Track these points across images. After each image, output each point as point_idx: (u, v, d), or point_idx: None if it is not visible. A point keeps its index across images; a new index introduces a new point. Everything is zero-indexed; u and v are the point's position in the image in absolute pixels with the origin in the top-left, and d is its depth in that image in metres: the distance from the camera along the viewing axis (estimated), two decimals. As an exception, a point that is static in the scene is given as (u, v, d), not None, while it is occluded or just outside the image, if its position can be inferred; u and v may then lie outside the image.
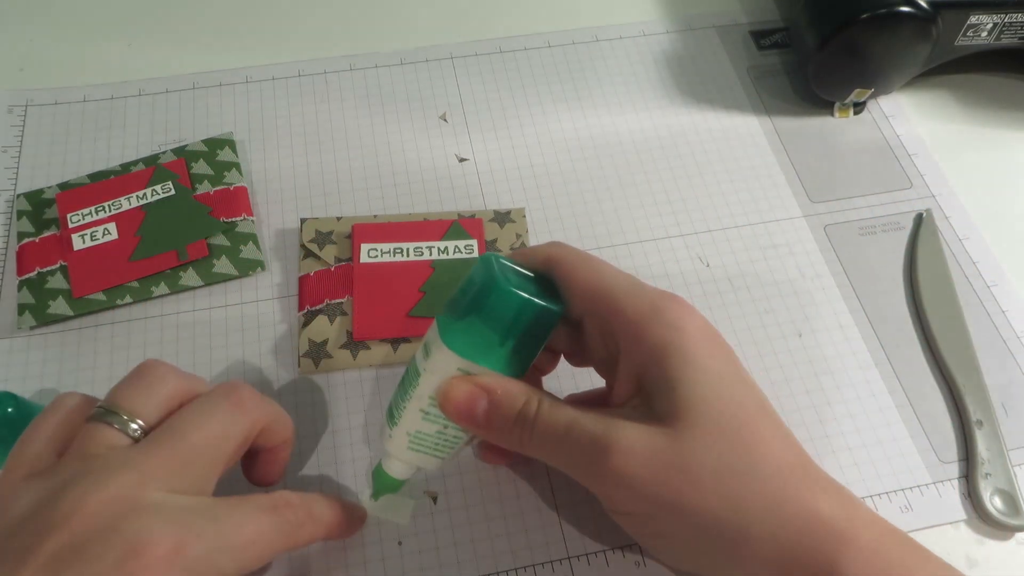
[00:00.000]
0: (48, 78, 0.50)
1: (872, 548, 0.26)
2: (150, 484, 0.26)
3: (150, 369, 0.30)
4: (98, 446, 0.27)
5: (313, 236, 0.43)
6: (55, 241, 0.42)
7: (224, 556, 0.26)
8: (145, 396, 0.28)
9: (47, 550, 0.24)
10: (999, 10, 0.46)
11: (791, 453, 0.28)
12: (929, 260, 0.44)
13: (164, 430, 0.28)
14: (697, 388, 0.28)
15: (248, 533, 0.27)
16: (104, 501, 0.25)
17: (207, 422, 0.28)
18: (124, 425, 0.27)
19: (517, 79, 0.51)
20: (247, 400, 0.29)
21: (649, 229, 0.45)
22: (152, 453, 0.27)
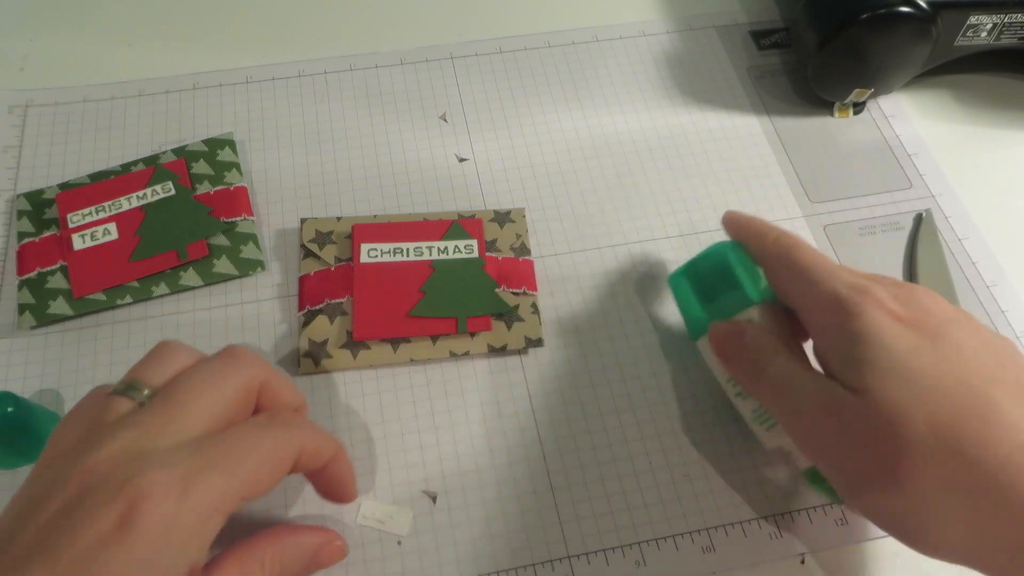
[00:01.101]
0: (48, 78, 0.50)
1: None
2: (149, 436, 0.27)
3: (164, 345, 0.31)
4: (110, 415, 0.28)
5: (313, 236, 0.43)
6: (55, 241, 0.42)
7: (230, 482, 0.27)
8: (157, 368, 0.30)
9: (49, 510, 0.25)
10: (999, 10, 0.46)
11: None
12: (929, 260, 0.44)
13: (164, 390, 0.29)
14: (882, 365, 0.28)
15: (251, 455, 0.28)
16: (104, 457, 0.26)
17: (201, 373, 0.29)
18: (136, 394, 0.29)
19: (517, 79, 0.51)
20: (241, 356, 0.31)
21: (649, 229, 0.45)
22: (152, 410, 0.28)
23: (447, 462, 0.37)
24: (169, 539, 0.25)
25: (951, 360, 0.28)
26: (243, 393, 0.30)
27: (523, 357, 0.40)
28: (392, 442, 0.38)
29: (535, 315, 0.41)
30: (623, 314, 0.42)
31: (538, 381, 0.40)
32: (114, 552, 0.24)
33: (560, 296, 0.42)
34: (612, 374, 0.40)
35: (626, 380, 0.40)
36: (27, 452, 0.36)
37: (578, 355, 0.40)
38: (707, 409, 0.39)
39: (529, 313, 0.41)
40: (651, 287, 0.43)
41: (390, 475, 0.37)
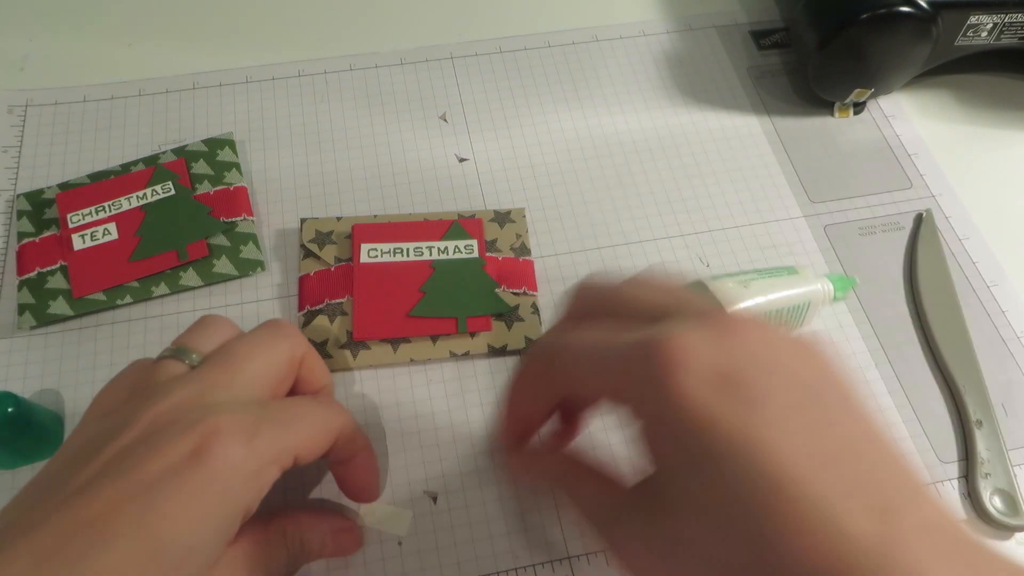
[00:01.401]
0: (48, 78, 0.50)
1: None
2: (211, 391, 0.28)
3: (207, 318, 0.32)
4: (160, 377, 0.29)
5: (313, 236, 0.43)
6: (55, 241, 0.42)
7: (289, 437, 0.28)
8: (204, 336, 0.31)
9: (117, 445, 0.26)
10: (999, 10, 0.46)
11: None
12: (929, 260, 0.44)
13: (217, 352, 0.30)
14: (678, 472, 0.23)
15: (307, 419, 0.29)
16: (168, 406, 0.27)
17: (253, 340, 0.31)
18: (185, 357, 0.30)
19: (517, 79, 0.51)
20: (286, 327, 0.32)
21: (649, 229, 0.45)
22: (208, 369, 0.29)
23: (447, 462, 0.37)
24: (234, 479, 0.26)
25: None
26: (290, 361, 0.31)
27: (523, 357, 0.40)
28: (392, 442, 0.37)
29: (535, 315, 0.41)
30: (623, 314, 0.42)
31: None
32: (185, 479, 0.25)
33: (560, 296, 0.42)
34: (612, 374, 0.40)
35: (626, 380, 0.40)
36: (27, 452, 0.36)
37: (578, 355, 0.40)
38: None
39: (529, 313, 0.41)
40: (651, 287, 0.43)
41: (390, 475, 0.37)
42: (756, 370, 0.23)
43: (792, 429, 0.22)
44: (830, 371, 0.25)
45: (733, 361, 0.23)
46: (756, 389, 0.23)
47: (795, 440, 0.22)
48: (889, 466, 0.23)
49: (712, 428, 0.22)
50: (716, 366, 0.23)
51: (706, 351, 0.23)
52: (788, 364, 0.24)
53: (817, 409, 0.23)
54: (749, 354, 0.24)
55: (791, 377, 0.24)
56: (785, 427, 0.22)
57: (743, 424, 0.22)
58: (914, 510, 0.22)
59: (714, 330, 0.24)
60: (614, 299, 0.28)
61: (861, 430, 0.24)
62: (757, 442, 0.22)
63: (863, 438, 0.23)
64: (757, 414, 0.23)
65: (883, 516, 0.21)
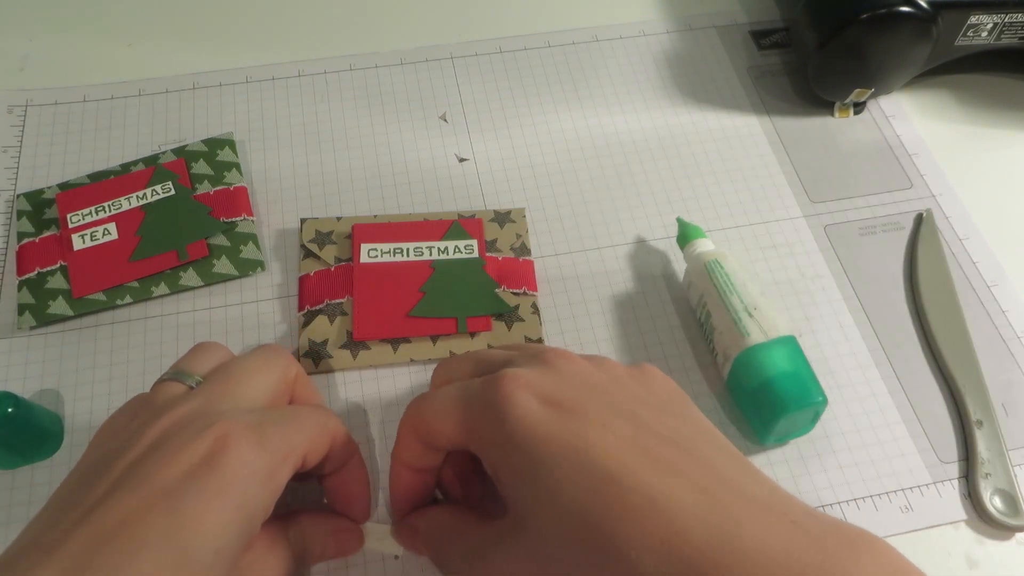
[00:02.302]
0: (48, 78, 0.50)
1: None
2: (213, 403, 0.29)
3: (202, 344, 0.33)
4: (161, 398, 0.30)
5: (313, 236, 0.43)
6: (55, 241, 0.42)
7: (296, 433, 0.29)
8: (201, 360, 0.32)
9: (129, 457, 0.26)
10: (999, 10, 0.46)
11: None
12: (929, 260, 0.44)
13: (214, 372, 0.31)
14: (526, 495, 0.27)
15: (308, 420, 0.30)
16: (176, 418, 0.28)
17: (248, 361, 0.32)
18: (185, 378, 0.31)
19: (517, 79, 0.51)
20: (279, 350, 0.33)
21: (649, 229, 0.45)
22: (210, 386, 0.30)
23: (447, 462, 0.37)
24: (251, 480, 0.26)
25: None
26: (283, 381, 0.32)
27: (523, 357, 0.40)
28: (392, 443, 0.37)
29: (535, 315, 0.41)
30: (623, 314, 0.42)
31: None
32: (204, 483, 0.25)
33: (560, 296, 0.42)
34: (612, 374, 0.40)
35: (626, 380, 0.40)
36: (27, 452, 0.36)
37: (578, 355, 0.40)
38: (708, 409, 0.39)
39: (529, 313, 0.41)
40: (651, 287, 0.43)
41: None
42: (573, 390, 0.28)
43: (612, 428, 0.27)
44: (635, 383, 0.30)
45: (555, 387, 0.28)
46: (576, 403, 0.27)
47: (616, 436, 0.26)
48: (706, 449, 0.27)
49: (546, 440, 0.26)
50: (543, 393, 0.28)
51: (534, 381, 0.28)
52: (598, 383, 0.29)
53: (629, 418, 0.27)
54: (567, 380, 0.29)
55: (602, 392, 0.28)
56: (606, 428, 0.27)
57: (571, 432, 0.26)
58: (735, 485, 0.25)
59: (540, 367, 0.29)
60: (470, 360, 0.32)
61: (670, 430, 0.27)
62: (584, 441, 0.26)
63: (679, 430, 0.28)
64: (580, 421, 0.27)
65: (705, 492, 0.25)
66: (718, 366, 0.39)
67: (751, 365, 0.36)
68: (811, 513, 0.25)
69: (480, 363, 0.32)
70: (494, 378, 0.29)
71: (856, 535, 0.24)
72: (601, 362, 0.31)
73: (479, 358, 0.32)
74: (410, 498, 0.32)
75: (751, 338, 0.36)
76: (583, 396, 0.28)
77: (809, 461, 0.38)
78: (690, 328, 0.41)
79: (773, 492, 0.26)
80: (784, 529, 0.24)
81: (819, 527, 0.24)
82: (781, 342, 0.36)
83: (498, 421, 0.27)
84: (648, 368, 0.31)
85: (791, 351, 0.36)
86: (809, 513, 0.25)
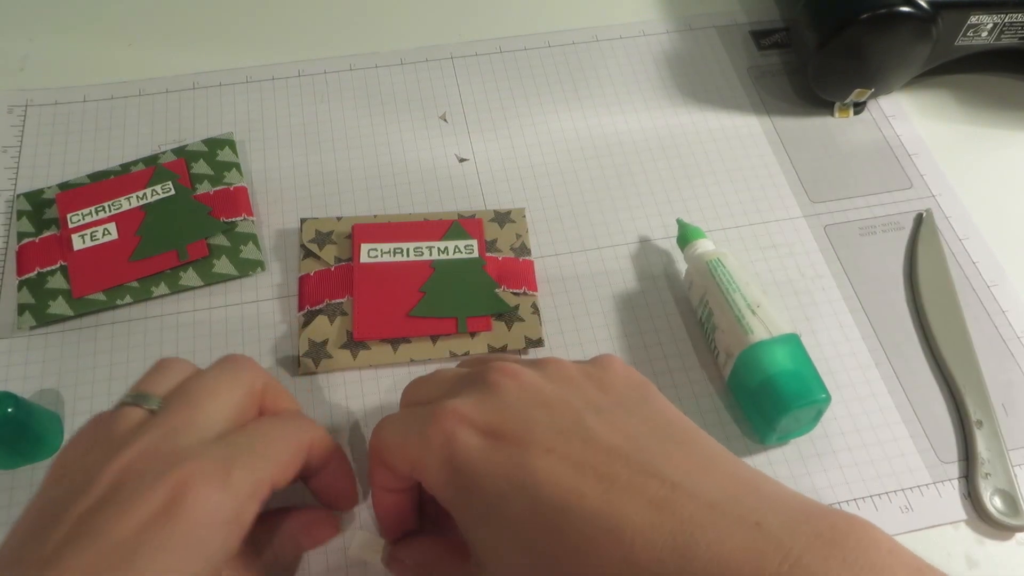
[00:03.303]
0: (48, 78, 0.50)
1: None
2: (174, 435, 0.27)
3: (163, 360, 0.31)
4: (121, 427, 0.28)
5: (313, 236, 0.43)
6: (55, 241, 0.42)
7: (264, 466, 0.27)
8: (162, 379, 0.30)
9: (84, 503, 0.24)
10: (999, 10, 0.46)
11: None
12: (929, 260, 0.44)
13: (175, 393, 0.29)
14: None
15: (277, 441, 0.29)
16: (134, 456, 0.26)
17: (210, 377, 0.30)
18: (145, 402, 0.29)
19: (517, 79, 0.51)
20: (242, 361, 0.31)
21: (649, 229, 0.45)
22: (169, 413, 0.28)
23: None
24: (214, 526, 0.25)
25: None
26: (250, 395, 0.30)
27: (523, 357, 0.40)
28: (392, 442, 0.37)
29: (535, 315, 0.41)
30: (623, 314, 0.42)
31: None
32: (160, 535, 0.24)
33: (560, 296, 0.42)
34: (612, 374, 0.40)
35: (626, 380, 0.40)
36: (27, 452, 0.36)
37: (578, 355, 0.40)
38: (708, 409, 0.39)
39: (529, 313, 0.41)
40: (651, 287, 0.43)
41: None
42: (516, 416, 0.27)
43: (557, 451, 0.25)
44: (589, 383, 0.29)
45: (496, 416, 0.27)
46: (518, 431, 0.26)
47: (561, 460, 0.25)
48: (660, 451, 0.26)
49: (491, 476, 0.26)
50: (483, 425, 0.27)
51: (472, 413, 0.27)
52: (546, 399, 0.28)
53: (577, 433, 0.26)
54: (510, 405, 0.27)
55: (549, 409, 0.27)
56: (550, 452, 0.25)
57: (514, 464, 0.25)
58: (691, 491, 0.24)
59: (480, 393, 0.28)
60: (431, 382, 0.31)
61: (622, 437, 0.26)
62: (529, 473, 0.25)
63: (632, 433, 0.26)
64: (523, 450, 0.26)
65: (659, 506, 0.23)
66: (719, 365, 0.39)
67: (754, 362, 0.36)
68: (778, 506, 0.23)
69: (441, 387, 0.31)
70: (432, 413, 0.28)
71: (828, 526, 0.22)
72: (552, 368, 0.29)
73: (440, 381, 0.31)
74: (394, 517, 0.32)
75: (754, 335, 0.36)
76: (526, 421, 0.27)
77: (809, 461, 0.38)
78: (691, 328, 0.41)
79: (737, 486, 0.24)
80: (745, 535, 0.22)
81: (784, 525, 0.22)
82: (784, 340, 0.36)
83: (441, 460, 0.27)
84: (605, 360, 0.30)
85: (794, 349, 0.36)
86: (775, 507, 0.23)
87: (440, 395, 0.30)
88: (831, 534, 0.22)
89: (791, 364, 0.36)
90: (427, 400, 0.30)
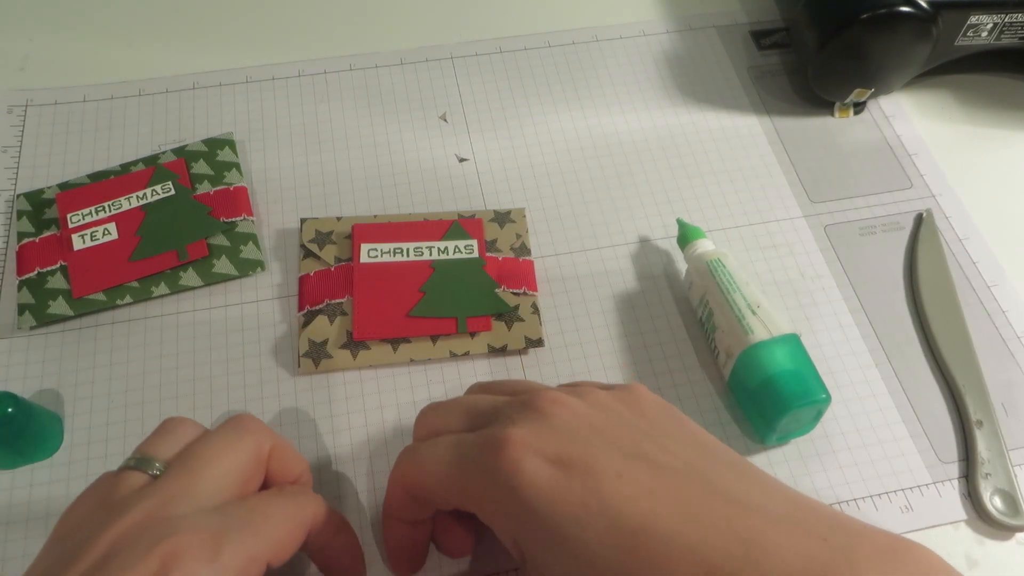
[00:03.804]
0: (48, 78, 0.50)
1: None
2: (171, 504, 0.27)
3: (169, 421, 0.31)
4: (122, 491, 0.28)
5: (313, 236, 0.43)
6: (55, 241, 0.42)
7: (258, 543, 0.27)
8: (167, 442, 0.30)
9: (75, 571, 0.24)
10: (999, 10, 0.46)
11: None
12: (929, 260, 0.44)
13: (179, 458, 0.29)
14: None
15: (273, 517, 0.28)
16: (128, 524, 0.26)
17: (215, 441, 0.29)
18: (148, 466, 0.28)
19: (517, 79, 0.51)
20: (249, 423, 0.31)
21: (649, 229, 0.45)
22: (169, 479, 0.28)
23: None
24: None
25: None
26: (255, 460, 0.30)
27: (523, 357, 0.40)
28: (392, 443, 0.37)
29: (535, 315, 0.41)
30: (623, 314, 0.42)
31: (538, 381, 0.39)
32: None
33: (560, 296, 0.42)
34: (612, 374, 0.40)
35: (626, 380, 0.40)
36: (27, 452, 0.36)
37: (578, 355, 0.40)
38: (708, 409, 0.39)
39: (529, 313, 0.41)
40: (651, 287, 0.43)
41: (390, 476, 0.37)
42: (575, 441, 0.27)
43: (626, 475, 0.26)
44: (627, 410, 0.29)
45: (557, 443, 0.27)
46: (582, 457, 0.26)
47: (632, 483, 0.26)
48: (715, 472, 0.26)
49: (564, 503, 0.26)
50: (548, 453, 0.27)
51: (535, 442, 0.27)
52: (595, 423, 0.28)
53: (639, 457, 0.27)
54: (566, 431, 0.27)
55: (602, 433, 0.27)
56: (620, 476, 0.26)
57: (587, 489, 0.26)
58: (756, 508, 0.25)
59: (534, 422, 0.28)
60: (458, 410, 0.31)
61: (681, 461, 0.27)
62: (603, 498, 0.25)
63: (685, 456, 0.27)
64: (593, 476, 0.26)
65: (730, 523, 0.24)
66: (719, 365, 0.39)
67: (754, 362, 0.36)
68: (836, 524, 0.25)
69: (469, 414, 0.30)
70: (493, 442, 0.27)
71: (887, 544, 0.24)
72: (588, 395, 0.30)
73: (468, 407, 0.31)
74: (405, 551, 0.32)
75: (754, 336, 0.36)
76: (587, 445, 0.27)
77: (809, 461, 0.38)
78: (691, 328, 0.41)
79: (794, 506, 0.26)
80: (813, 548, 0.23)
81: (848, 541, 0.24)
82: (784, 340, 0.36)
83: (508, 490, 0.26)
84: (634, 388, 0.31)
85: (794, 349, 0.36)
86: (835, 524, 0.25)
87: (480, 424, 0.29)
88: (892, 553, 0.23)
89: (791, 364, 0.36)
90: (455, 430, 0.30)
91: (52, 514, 0.35)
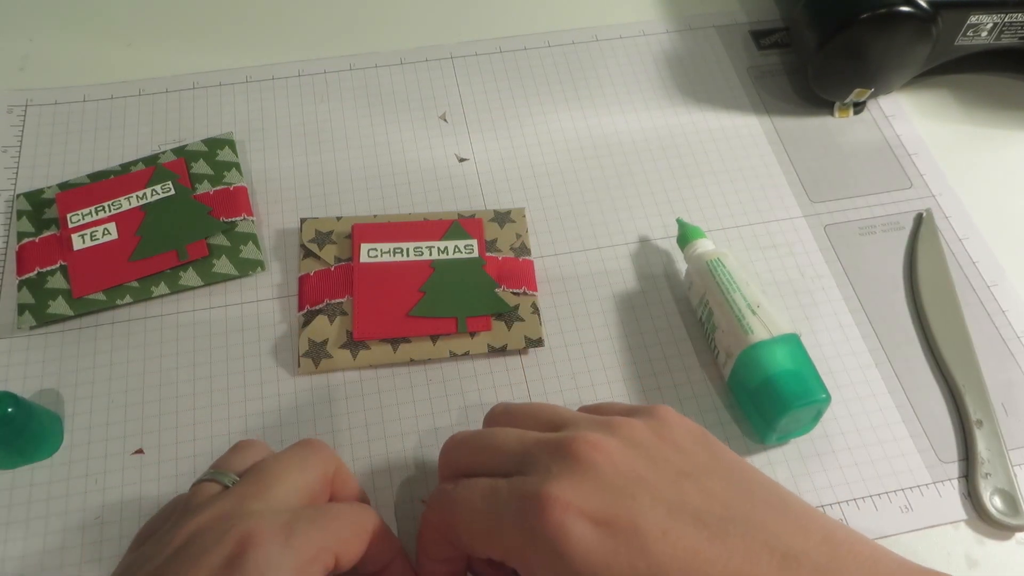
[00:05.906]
0: (48, 78, 0.50)
1: None
2: (245, 504, 0.28)
3: (244, 442, 0.32)
4: (198, 498, 0.29)
5: (313, 236, 0.43)
6: (55, 241, 0.42)
7: (326, 533, 0.28)
8: (239, 459, 0.31)
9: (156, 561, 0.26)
10: (999, 10, 0.46)
11: None
12: (929, 260, 0.44)
13: (251, 470, 0.30)
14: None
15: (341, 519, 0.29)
16: (204, 520, 0.27)
17: (285, 458, 0.31)
18: (222, 478, 0.30)
19: (517, 79, 0.51)
20: (318, 446, 0.32)
21: (649, 229, 0.45)
22: (244, 485, 0.29)
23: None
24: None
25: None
26: (322, 479, 0.31)
27: (523, 357, 0.40)
28: (392, 443, 0.37)
29: (535, 315, 0.41)
30: (623, 314, 0.42)
31: (538, 381, 0.40)
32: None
33: (560, 296, 0.42)
34: (612, 374, 0.40)
35: (626, 380, 0.40)
36: (27, 452, 0.36)
37: (578, 355, 0.40)
38: (708, 409, 0.39)
39: (529, 313, 0.41)
40: (651, 287, 0.43)
41: (390, 476, 0.37)
42: (618, 498, 0.26)
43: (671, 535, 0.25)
44: (662, 443, 0.29)
45: (600, 500, 0.26)
46: (626, 515, 0.26)
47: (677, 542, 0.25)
48: (756, 511, 0.27)
49: (612, 564, 0.25)
50: (591, 513, 0.26)
51: (577, 500, 0.26)
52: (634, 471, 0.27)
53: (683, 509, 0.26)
54: (607, 485, 0.27)
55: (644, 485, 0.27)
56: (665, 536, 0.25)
57: (634, 551, 0.25)
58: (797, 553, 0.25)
59: (575, 474, 0.27)
60: (487, 450, 0.30)
61: (721, 506, 0.27)
62: (656, 559, 0.25)
63: (725, 494, 0.27)
64: (639, 537, 0.25)
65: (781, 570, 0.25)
66: (719, 365, 0.39)
67: (754, 362, 0.36)
68: (871, 567, 0.25)
69: (500, 453, 0.30)
70: (534, 499, 0.26)
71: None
72: (622, 430, 0.29)
73: (497, 447, 0.30)
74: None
75: (754, 335, 0.36)
76: (633, 504, 0.26)
77: (809, 461, 0.38)
78: (691, 327, 0.41)
79: (832, 547, 0.26)
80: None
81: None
82: (784, 340, 0.36)
83: (553, 553, 0.26)
84: (661, 413, 0.30)
85: (794, 348, 0.36)
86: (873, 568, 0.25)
87: (511, 467, 0.29)
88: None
89: (791, 364, 0.36)
90: (485, 472, 0.29)
91: (52, 514, 0.35)
